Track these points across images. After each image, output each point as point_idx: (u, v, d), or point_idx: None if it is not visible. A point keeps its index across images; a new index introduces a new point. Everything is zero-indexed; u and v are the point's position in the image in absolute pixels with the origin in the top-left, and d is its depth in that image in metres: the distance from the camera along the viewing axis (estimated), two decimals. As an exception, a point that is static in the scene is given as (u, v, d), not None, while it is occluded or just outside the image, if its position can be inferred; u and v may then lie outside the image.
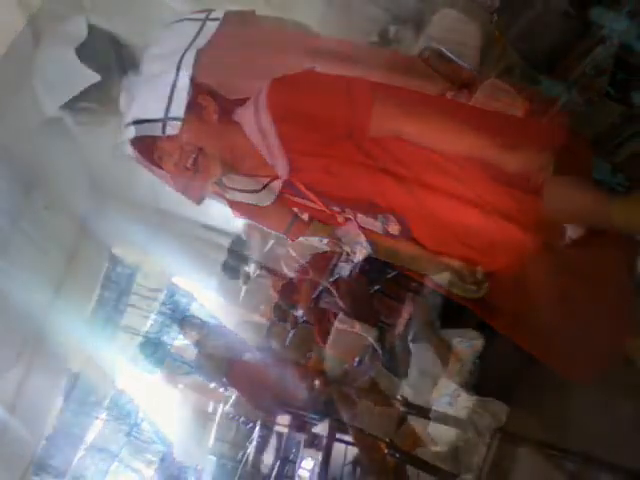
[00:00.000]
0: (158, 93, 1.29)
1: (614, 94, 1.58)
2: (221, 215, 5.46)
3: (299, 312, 4.53)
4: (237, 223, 4.62)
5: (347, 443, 2.16)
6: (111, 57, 1.34)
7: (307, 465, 2.99)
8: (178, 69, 1.29)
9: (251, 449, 3.72)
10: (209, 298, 7.03)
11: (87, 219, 6.36)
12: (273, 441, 3.47)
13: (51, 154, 5.16)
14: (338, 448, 2.14)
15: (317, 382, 3.39)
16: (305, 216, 1.78)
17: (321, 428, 2.53)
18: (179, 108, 1.27)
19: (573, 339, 1.30)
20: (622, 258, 1.33)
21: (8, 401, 5.83)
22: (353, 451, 2.22)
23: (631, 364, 1.35)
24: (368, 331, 3.39)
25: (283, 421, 3.34)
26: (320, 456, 2.12)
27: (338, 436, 2.07)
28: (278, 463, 3.20)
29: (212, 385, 4.51)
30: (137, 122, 1.30)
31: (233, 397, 4.20)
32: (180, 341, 6.62)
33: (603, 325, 1.29)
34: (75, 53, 1.28)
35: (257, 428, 3.74)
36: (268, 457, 3.43)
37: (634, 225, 1.20)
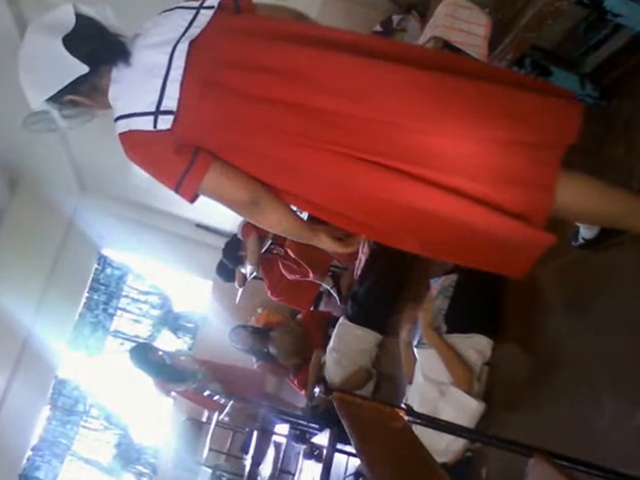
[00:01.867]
0: (149, 85, 1.28)
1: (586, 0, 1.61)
2: (216, 214, 5.47)
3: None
4: (233, 222, 4.61)
5: (348, 454, 2.15)
6: (100, 47, 1.33)
7: (307, 477, 2.98)
8: (170, 60, 1.29)
9: (248, 460, 3.72)
10: (203, 301, 7.03)
11: (75, 218, 6.37)
12: (271, 452, 3.46)
13: (37, 150, 5.16)
14: (339, 459, 2.13)
15: (317, 390, 3.39)
16: (304, 215, 1.78)
17: (321, 438, 2.52)
18: (171, 101, 1.27)
19: None
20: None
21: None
22: (354, 462, 2.22)
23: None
24: (370, 335, 3.39)
25: (281, 431, 3.34)
26: (320, 467, 2.12)
27: (339, 446, 2.07)
28: (276, 475, 3.20)
29: (206, 393, 4.50)
30: (127, 116, 1.30)
31: (229, 405, 4.19)
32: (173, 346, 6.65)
33: None
34: (62, 43, 1.28)
35: (254, 438, 3.73)
36: (266, 469, 3.43)
37: None
